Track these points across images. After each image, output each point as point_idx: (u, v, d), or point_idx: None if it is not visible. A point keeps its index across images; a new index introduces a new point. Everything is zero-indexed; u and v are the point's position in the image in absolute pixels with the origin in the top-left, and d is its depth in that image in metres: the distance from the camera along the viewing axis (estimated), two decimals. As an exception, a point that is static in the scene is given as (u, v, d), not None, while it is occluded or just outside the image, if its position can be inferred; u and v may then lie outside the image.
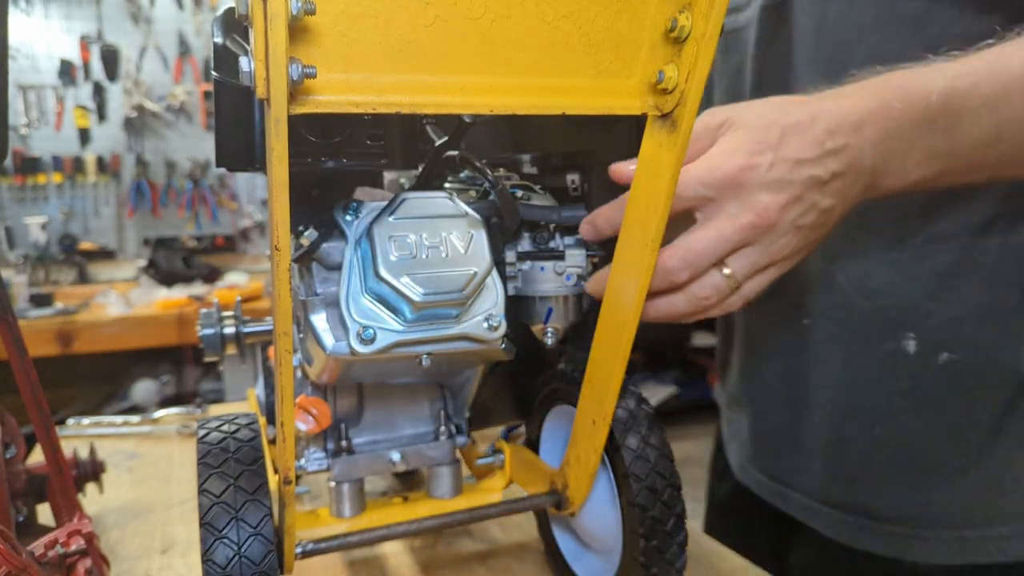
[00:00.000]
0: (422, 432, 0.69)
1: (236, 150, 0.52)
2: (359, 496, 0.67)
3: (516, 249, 0.62)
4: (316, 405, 0.62)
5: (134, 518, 0.89)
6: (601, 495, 0.63)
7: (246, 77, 0.37)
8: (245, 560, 0.48)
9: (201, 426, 0.55)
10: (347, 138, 0.54)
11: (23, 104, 3.12)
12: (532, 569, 0.75)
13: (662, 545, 0.58)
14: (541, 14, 0.41)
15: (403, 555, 0.79)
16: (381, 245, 0.52)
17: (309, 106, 0.38)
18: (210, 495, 0.50)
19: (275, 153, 0.37)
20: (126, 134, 3.29)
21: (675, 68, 0.44)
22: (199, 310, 0.77)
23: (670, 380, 3.87)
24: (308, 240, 0.54)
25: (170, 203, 3.36)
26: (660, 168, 0.47)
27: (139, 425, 1.22)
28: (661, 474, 0.59)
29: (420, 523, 0.61)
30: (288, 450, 0.48)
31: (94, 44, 3.21)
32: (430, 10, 0.39)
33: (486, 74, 0.42)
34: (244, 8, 0.35)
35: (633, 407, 0.61)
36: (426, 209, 0.54)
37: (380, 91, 0.40)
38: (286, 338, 0.43)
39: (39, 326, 2.48)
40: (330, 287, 0.55)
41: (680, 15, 0.43)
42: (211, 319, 0.76)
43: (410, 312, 0.52)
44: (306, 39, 0.37)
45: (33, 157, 3.14)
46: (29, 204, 3.17)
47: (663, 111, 0.45)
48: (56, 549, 0.59)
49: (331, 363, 0.54)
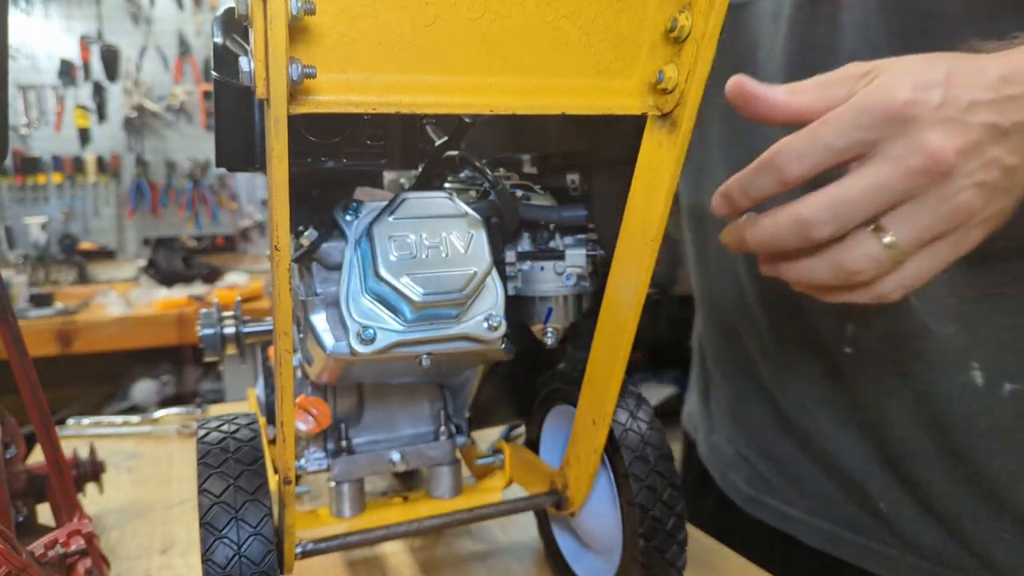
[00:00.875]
0: (422, 432, 0.69)
1: (236, 150, 0.52)
2: (359, 496, 0.67)
3: (516, 249, 0.62)
4: (316, 405, 0.62)
5: (134, 518, 0.89)
6: (601, 495, 0.63)
7: (246, 77, 0.37)
8: (245, 560, 0.48)
9: (201, 426, 0.55)
10: (347, 138, 0.54)
11: (23, 104, 3.12)
12: (532, 569, 0.75)
13: (662, 545, 0.58)
14: (541, 14, 0.41)
15: (403, 555, 0.79)
16: (381, 245, 0.52)
17: (309, 106, 0.38)
18: (210, 495, 0.50)
19: (275, 153, 0.38)
20: (126, 134, 3.29)
21: (675, 68, 0.44)
22: (199, 310, 0.77)
23: (670, 380, 3.87)
24: (308, 240, 0.54)
25: (170, 203, 3.36)
26: (660, 168, 0.47)
27: (139, 425, 1.22)
28: (661, 474, 0.59)
29: (420, 523, 0.61)
30: (288, 450, 0.48)
31: (94, 44, 3.21)
32: (430, 10, 0.39)
33: (486, 74, 0.42)
34: (244, 8, 0.35)
35: (633, 407, 0.61)
36: (426, 209, 0.54)
37: (380, 91, 0.40)
38: (286, 338, 0.43)
39: (39, 326, 2.48)
40: (330, 287, 0.55)
41: (680, 15, 0.43)
42: (211, 319, 0.76)
43: (410, 312, 0.52)
44: (306, 39, 0.37)
45: (33, 157, 3.14)
46: (29, 204, 3.18)
47: (663, 111, 0.45)
48: (56, 549, 0.59)
49: (331, 363, 0.54)
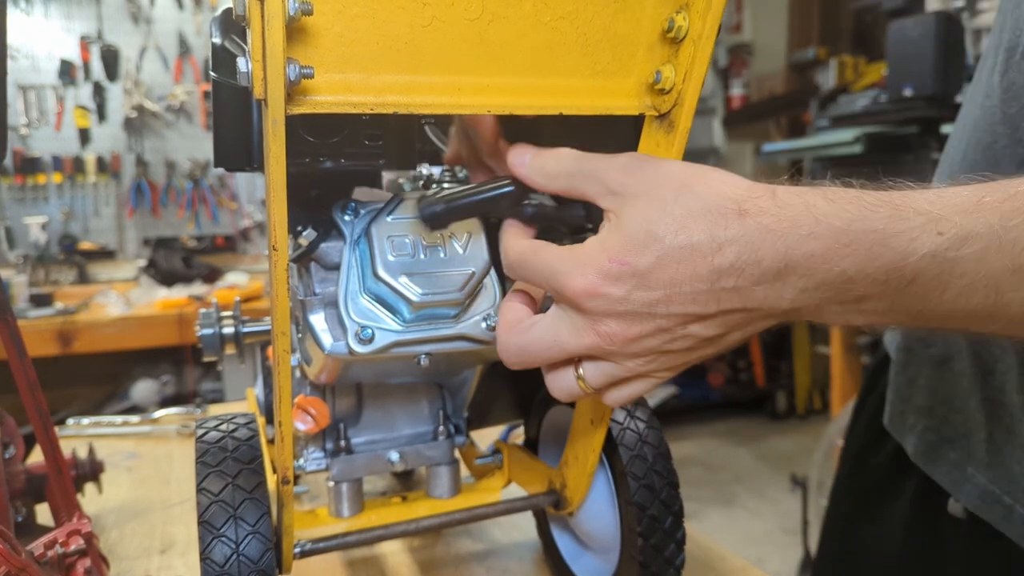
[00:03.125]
0: (421, 432, 0.69)
1: (234, 150, 0.52)
2: (358, 496, 0.67)
3: (514, 249, 0.62)
4: (315, 405, 0.62)
5: (133, 518, 0.89)
6: (599, 495, 0.63)
7: (244, 77, 0.37)
8: (243, 559, 0.48)
9: (200, 425, 0.56)
10: (345, 138, 0.54)
11: (23, 104, 3.12)
12: (531, 569, 0.75)
13: (660, 544, 0.58)
14: (538, 14, 0.42)
15: (402, 555, 0.79)
16: (379, 245, 0.52)
17: (307, 106, 0.39)
18: (208, 493, 0.50)
19: (273, 153, 0.38)
20: (126, 134, 3.29)
21: (672, 68, 0.44)
22: (199, 310, 0.77)
23: (670, 380, 3.87)
24: (306, 240, 0.54)
25: (170, 203, 3.36)
26: (657, 168, 0.47)
27: (139, 425, 1.22)
28: (659, 473, 0.59)
29: (419, 523, 0.61)
30: (286, 450, 0.48)
31: (94, 44, 3.21)
32: (427, 11, 0.39)
33: (483, 74, 0.42)
34: (242, 9, 0.35)
35: (631, 406, 0.61)
36: None
37: (378, 91, 0.40)
38: (284, 338, 0.43)
39: (39, 326, 2.48)
40: (328, 287, 0.55)
41: (677, 15, 0.43)
42: (210, 319, 0.76)
43: (408, 312, 0.52)
44: (303, 39, 0.37)
45: (33, 157, 3.13)
46: (29, 204, 3.17)
47: (660, 111, 0.46)
48: (55, 549, 0.59)
49: (329, 363, 0.54)
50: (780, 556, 2.69)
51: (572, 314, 0.43)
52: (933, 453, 0.68)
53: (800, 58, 4.22)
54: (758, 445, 3.80)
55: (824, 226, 0.38)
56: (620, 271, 0.41)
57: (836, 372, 2.53)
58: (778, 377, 4.15)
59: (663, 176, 0.41)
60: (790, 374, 4.15)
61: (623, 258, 0.41)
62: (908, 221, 0.38)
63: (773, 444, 3.81)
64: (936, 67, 2.20)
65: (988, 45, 0.66)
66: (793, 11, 4.47)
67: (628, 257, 0.41)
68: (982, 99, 0.62)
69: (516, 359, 0.47)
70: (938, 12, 2.31)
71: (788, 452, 3.65)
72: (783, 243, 0.38)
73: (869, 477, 0.82)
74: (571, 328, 0.43)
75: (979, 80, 0.66)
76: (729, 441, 3.87)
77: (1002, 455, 0.60)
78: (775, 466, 3.48)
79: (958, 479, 0.64)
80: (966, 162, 0.63)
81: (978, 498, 0.62)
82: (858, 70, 3.54)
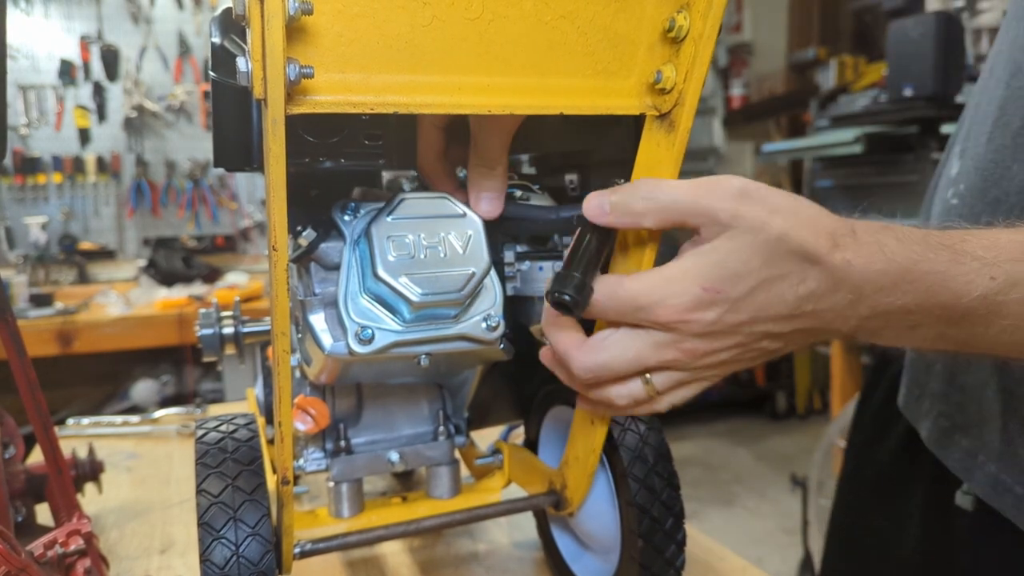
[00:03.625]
0: (421, 432, 0.69)
1: (234, 150, 0.52)
2: (358, 496, 0.67)
3: (515, 249, 0.62)
4: (314, 405, 0.62)
5: (133, 518, 0.89)
6: (600, 495, 0.63)
7: (244, 77, 0.37)
8: (243, 560, 0.48)
9: (199, 426, 0.56)
10: (345, 138, 0.54)
11: (23, 104, 3.11)
12: (531, 569, 0.75)
13: (661, 545, 0.58)
14: (539, 14, 0.41)
15: (402, 555, 0.79)
16: (379, 245, 0.52)
17: (306, 106, 0.38)
18: (208, 495, 0.50)
19: (272, 153, 0.38)
20: (126, 134, 3.28)
21: (673, 68, 0.44)
22: (199, 310, 0.77)
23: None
24: (306, 240, 0.54)
25: (170, 203, 3.36)
26: (658, 168, 0.47)
27: (139, 425, 1.22)
28: (659, 474, 0.59)
29: (419, 523, 0.61)
30: (286, 450, 0.48)
31: (94, 44, 3.20)
32: (428, 10, 0.39)
33: (484, 74, 0.42)
34: (241, 8, 0.35)
35: (632, 407, 0.61)
36: (424, 209, 0.54)
37: (378, 91, 0.40)
38: (284, 338, 0.43)
39: (39, 326, 2.48)
40: (328, 287, 0.55)
41: (678, 15, 0.43)
42: (210, 319, 0.76)
43: (408, 312, 0.52)
44: (303, 39, 0.37)
45: (33, 157, 3.13)
46: (29, 204, 3.17)
47: (661, 111, 0.45)
48: (55, 549, 0.59)
49: (329, 363, 0.54)
50: (780, 556, 2.69)
51: (654, 333, 0.46)
52: (946, 439, 0.69)
53: (800, 58, 4.22)
54: (758, 445, 3.80)
55: (894, 265, 0.43)
56: (714, 299, 0.43)
57: (836, 372, 2.53)
58: (778, 377, 4.15)
59: (770, 208, 0.43)
60: (790, 374, 4.15)
61: (718, 287, 0.43)
62: (965, 265, 0.43)
63: (773, 444, 3.81)
64: (936, 67, 2.20)
65: (1010, 15, 0.65)
66: (793, 11, 4.47)
67: (723, 286, 0.43)
68: (1008, 78, 0.62)
69: (593, 376, 0.48)
70: (938, 12, 2.31)
71: (788, 452, 3.65)
72: (859, 276, 0.43)
73: (876, 469, 0.83)
74: (652, 345, 0.46)
75: (1000, 53, 0.64)
76: (729, 441, 3.87)
77: (1015, 445, 0.62)
78: (775, 466, 3.48)
79: (970, 466, 0.66)
80: (992, 144, 0.63)
81: (989, 486, 0.64)
82: (858, 70, 3.54)
